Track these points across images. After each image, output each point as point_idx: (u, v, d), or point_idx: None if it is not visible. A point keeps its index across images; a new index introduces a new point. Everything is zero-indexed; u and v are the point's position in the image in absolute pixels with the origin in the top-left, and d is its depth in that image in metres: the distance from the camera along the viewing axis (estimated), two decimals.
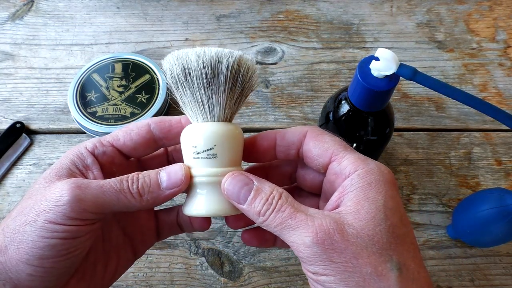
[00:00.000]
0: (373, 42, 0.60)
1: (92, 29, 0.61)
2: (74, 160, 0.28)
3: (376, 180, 0.25)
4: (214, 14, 0.63)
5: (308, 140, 0.28)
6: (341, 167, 0.26)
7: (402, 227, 0.24)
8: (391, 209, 0.24)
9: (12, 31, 0.61)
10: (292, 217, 0.24)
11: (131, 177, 0.27)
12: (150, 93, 0.52)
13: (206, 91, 0.27)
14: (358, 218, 0.24)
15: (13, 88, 0.56)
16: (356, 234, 0.23)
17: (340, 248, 0.23)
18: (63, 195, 0.25)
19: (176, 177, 0.27)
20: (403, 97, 0.55)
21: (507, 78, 0.57)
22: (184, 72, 0.27)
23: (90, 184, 0.26)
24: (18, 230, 0.25)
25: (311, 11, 0.63)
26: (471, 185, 0.49)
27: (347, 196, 0.25)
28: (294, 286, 0.43)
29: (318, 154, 0.28)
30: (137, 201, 0.27)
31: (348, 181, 0.26)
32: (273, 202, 0.25)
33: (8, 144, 0.50)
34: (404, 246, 0.24)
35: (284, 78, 0.57)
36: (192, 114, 0.29)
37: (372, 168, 0.26)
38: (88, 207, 0.25)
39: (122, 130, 0.30)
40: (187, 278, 0.43)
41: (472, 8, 0.64)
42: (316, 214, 0.24)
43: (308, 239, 0.23)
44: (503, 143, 0.52)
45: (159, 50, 0.59)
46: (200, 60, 0.27)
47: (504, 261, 0.44)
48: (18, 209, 0.26)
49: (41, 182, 0.27)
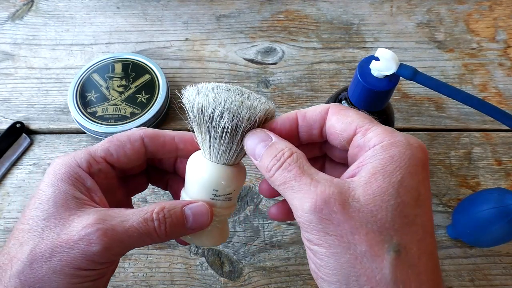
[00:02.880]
0: (373, 42, 0.60)
1: (92, 29, 0.61)
2: (75, 184, 0.26)
3: (399, 153, 0.23)
4: (214, 14, 0.63)
5: (331, 116, 0.26)
6: (366, 139, 0.24)
7: (415, 207, 0.22)
8: (406, 187, 0.22)
9: (12, 31, 0.61)
10: (297, 179, 0.23)
11: (157, 217, 0.26)
12: (150, 93, 0.52)
13: (236, 142, 0.27)
14: (367, 191, 0.22)
15: (13, 88, 0.56)
16: (359, 208, 0.22)
17: (338, 221, 0.22)
18: (91, 244, 0.24)
19: (203, 219, 0.27)
20: (403, 97, 0.55)
21: (507, 78, 0.57)
22: (212, 126, 0.27)
23: (115, 228, 0.24)
24: (43, 278, 0.23)
25: (311, 11, 0.63)
26: (471, 185, 0.49)
27: (365, 166, 0.23)
28: (294, 286, 0.43)
29: (342, 128, 0.26)
30: (161, 239, 0.26)
31: (370, 152, 0.24)
32: (281, 159, 0.24)
33: (8, 144, 0.50)
34: (412, 227, 0.22)
35: (284, 78, 0.57)
36: (208, 152, 0.28)
37: (399, 140, 0.23)
38: (115, 252, 0.25)
39: (113, 144, 0.29)
40: (187, 278, 0.43)
41: (472, 8, 0.64)
42: (323, 180, 0.23)
43: (306, 205, 0.22)
44: (503, 143, 0.52)
45: (159, 50, 0.59)
46: (229, 121, 0.26)
47: (504, 261, 0.44)
48: (30, 252, 0.24)
49: (49, 218, 0.25)
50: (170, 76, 0.57)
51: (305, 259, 0.44)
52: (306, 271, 0.44)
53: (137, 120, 0.50)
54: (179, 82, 0.57)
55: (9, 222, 0.46)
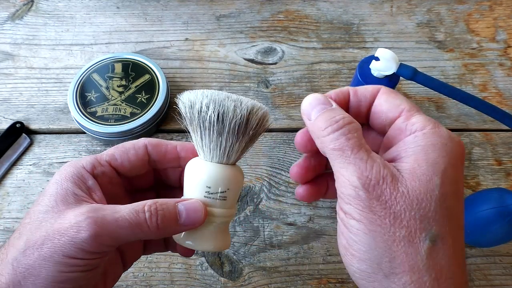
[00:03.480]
0: (373, 42, 0.60)
1: (92, 29, 0.61)
2: (76, 183, 0.27)
3: (442, 144, 0.23)
4: (214, 14, 0.63)
5: (381, 95, 0.27)
6: (409, 123, 0.24)
7: (455, 199, 0.23)
8: (449, 178, 0.23)
9: (12, 31, 0.61)
10: (354, 150, 0.23)
11: (148, 208, 0.26)
12: (150, 93, 0.52)
13: (229, 139, 0.28)
14: (413, 178, 0.22)
15: (13, 88, 0.56)
16: (406, 194, 0.22)
17: (385, 202, 0.22)
18: (80, 231, 0.24)
19: (196, 215, 0.27)
20: None
21: (507, 78, 0.57)
22: (201, 119, 0.28)
23: (106, 217, 0.25)
24: (33, 265, 0.24)
25: (311, 11, 0.63)
26: (471, 185, 0.49)
27: (407, 151, 0.24)
28: (294, 286, 0.43)
29: (388, 108, 0.26)
30: (153, 233, 0.26)
31: (412, 137, 0.24)
32: (340, 123, 0.24)
33: (8, 144, 0.50)
34: (451, 220, 0.23)
35: (284, 78, 0.57)
36: (206, 151, 0.29)
37: (441, 130, 0.24)
38: (105, 242, 0.25)
39: (119, 149, 0.30)
40: (187, 278, 0.43)
41: (472, 8, 0.64)
42: (378, 159, 0.23)
43: (358, 180, 0.22)
44: (503, 143, 0.52)
45: (159, 50, 0.59)
46: (215, 110, 0.27)
47: (504, 261, 0.44)
48: (25, 241, 0.25)
49: (48, 211, 0.26)
50: (170, 76, 0.57)
51: (305, 259, 0.44)
52: (306, 271, 0.44)
53: (137, 120, 0.50)
54: (179, 82, 0.57)
55: (9, 222, 0.46)
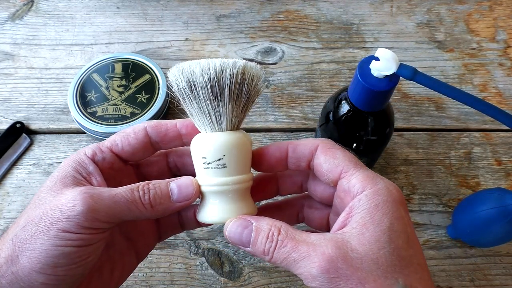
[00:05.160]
0: (373, 42, 0.60)
1: (92, 29, 0.61)
2: (76, 168, 0.28)
3: (383, 201, 0.25)
4: (214, 14, 0.63)
5: (319, 154, 0.28)
6: (350, 185, 0.26)
7: (408, 249, 0.24)
8: (396, 232, 0.24)
9: (12, 31, 0.61)
10: (295, 250, 0.24)
11: (142, 187, 0.27)
12: (150, 93, 0.52)
13: (212, 103, 0.28)
14: (362, 241, 0.24)
15: (13, 88, 0.56)
16: (360, 259, 0.23)
17: (346, 275, 0.23)
18: (76, 204, 0.25)
19: (187, 191, 0.28)
20: (403, 97, 0.55)
21: (507, 78, 0.57)
22: (190, 86, 0.28)
23: (102, 193, 0.26)
24: (29, 239, 0.24)
25: (311, 11, 0.63)
26: (471, 185, 0.49)
27: (354, 217, 0.25)
28: (294, 286, 0.43)
29: (328, 169, 0.28)
30: (148, 211, 0.27)
31: (356, 201, 0.25)
32: (274, 239, 0.25)
33: (8, 144, 0.50)
34: (411, 268, 0.24)
35: (284, 78, 0.57)
36: (200, 124, 0.29)
37: (380, 188, 0.26)
38: (100, 217, 0.25)
39: (119, 135, 0.30)
40: (187, 278, 0.43)
41: (472, 8, 0.64)
42: (318, 241, 0.24)
43: (313, 270, 0.23)
44: (503, 143, 0.52)
45: (159, 50, 0.59)
46: (204, 73, 0.27)
47: (504, 261, 0.44)
48: (25, 218, 0.25)
49: (47, 191, 0.26)
50: None
51: None
52: None
53: (137, 120, 0.50)
54: None
55: (9, 222, 0.46)
